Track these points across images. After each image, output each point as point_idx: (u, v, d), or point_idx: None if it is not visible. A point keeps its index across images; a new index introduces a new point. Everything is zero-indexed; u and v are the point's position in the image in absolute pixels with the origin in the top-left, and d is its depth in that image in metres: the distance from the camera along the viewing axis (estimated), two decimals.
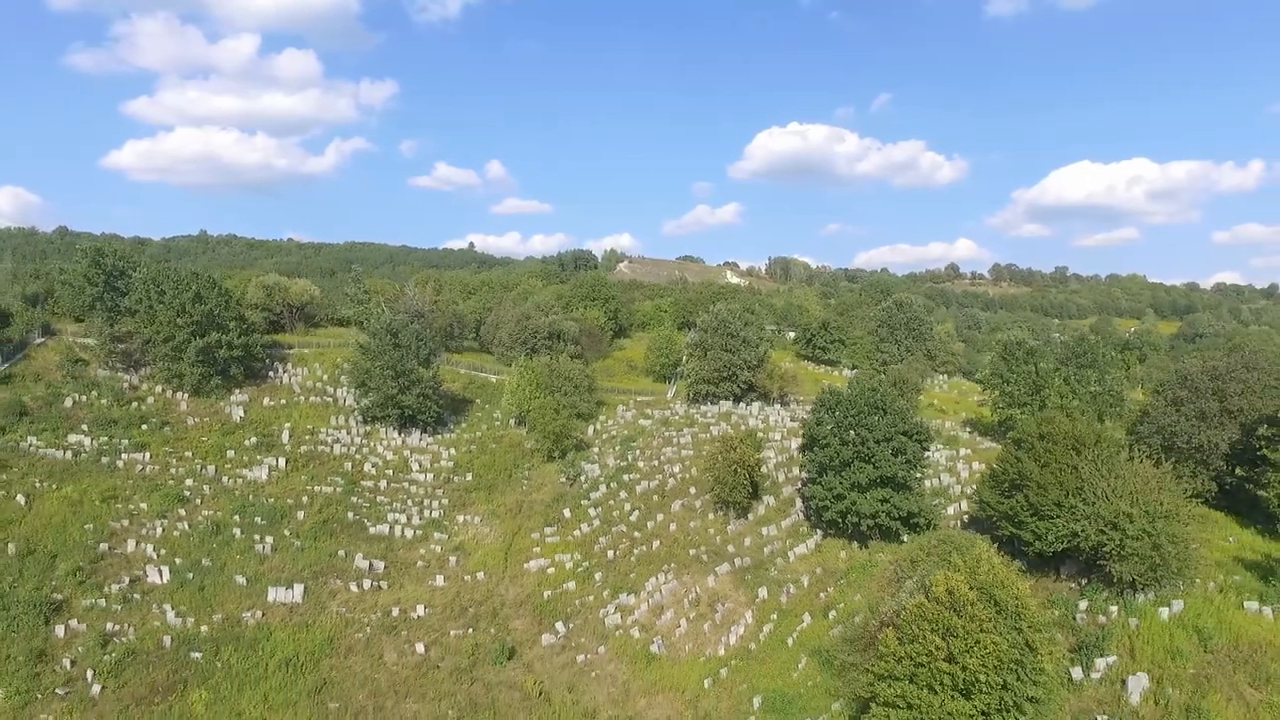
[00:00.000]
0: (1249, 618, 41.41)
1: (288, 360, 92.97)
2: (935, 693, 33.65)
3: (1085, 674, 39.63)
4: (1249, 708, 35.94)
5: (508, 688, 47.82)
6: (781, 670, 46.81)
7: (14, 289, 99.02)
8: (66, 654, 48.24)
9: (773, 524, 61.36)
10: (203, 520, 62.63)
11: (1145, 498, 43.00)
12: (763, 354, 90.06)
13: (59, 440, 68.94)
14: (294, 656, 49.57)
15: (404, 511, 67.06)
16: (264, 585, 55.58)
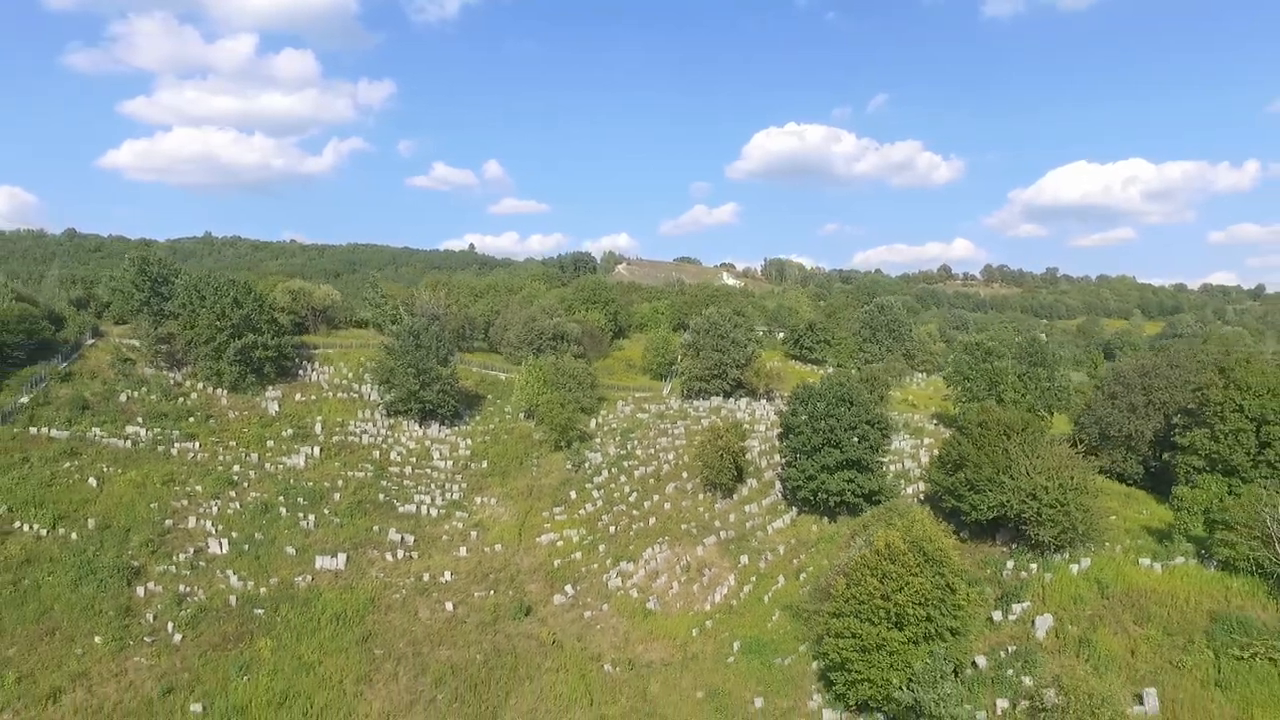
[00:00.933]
0: (1142, 572, 49.86)
1: (315, 359, 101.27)
2: (873, 625, 42.07)
3: (1004, 617, 48.07)
4: (1131, 639, 44.33)
5: (526, 638, 56.24)
6: (758, 621, 55.22)
7: (62, 294, 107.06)
8: (148, 610, 56.64)
9: (754, 502, 69.81)
10: (252, 501, 71.05)
11: (1059, 474, 51.44)
12: (750, 354, 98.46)
13: (119, 431, 77.28)
14: (342, 613, 58.00)
15: (428, 493, 75.46)
16: (311, 555, 64.00)
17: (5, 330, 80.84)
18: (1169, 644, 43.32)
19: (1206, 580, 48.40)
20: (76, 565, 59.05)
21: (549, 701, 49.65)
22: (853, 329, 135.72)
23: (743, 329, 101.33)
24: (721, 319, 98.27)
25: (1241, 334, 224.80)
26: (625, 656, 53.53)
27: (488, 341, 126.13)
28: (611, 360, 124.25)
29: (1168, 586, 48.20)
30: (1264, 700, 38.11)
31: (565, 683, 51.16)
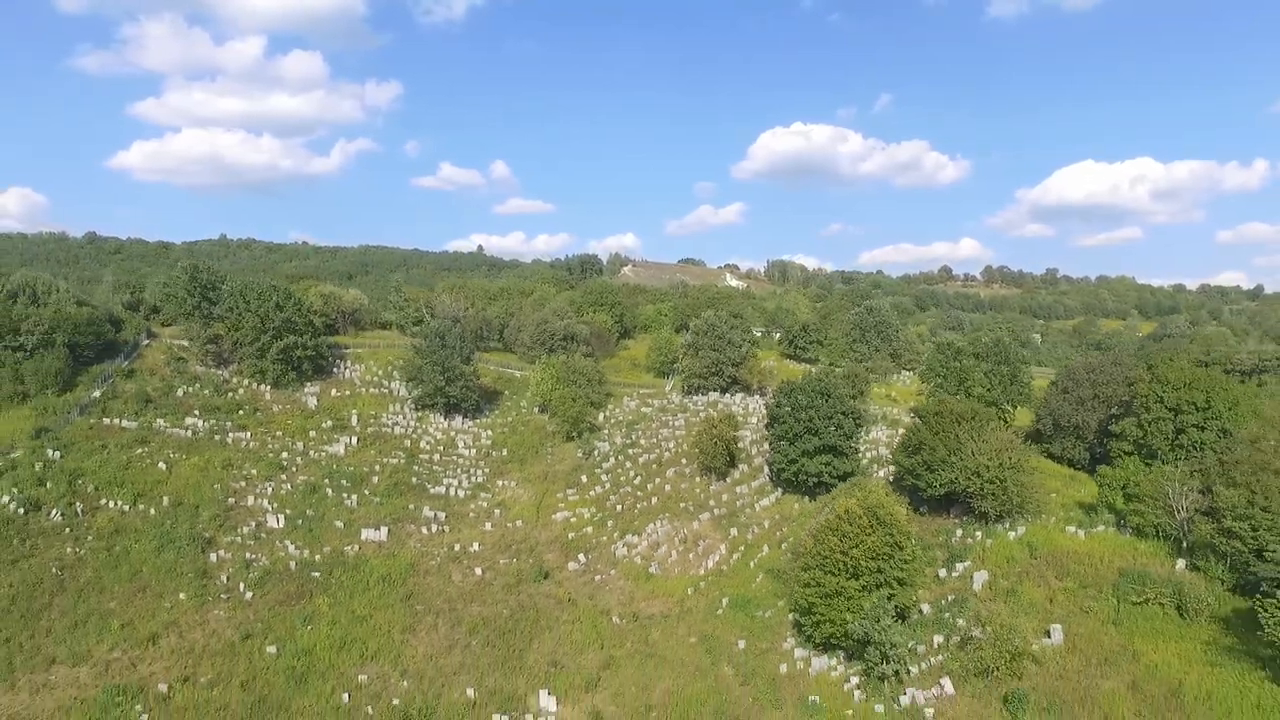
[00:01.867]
0: (1067, 537, 58.89)
1: (347, 358, 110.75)
2: (834, 575, 51.18)
3: (949, 574, 57.21)
4: (1050, 590, 53.35)
5: (545, 597, 65.51)
6: (744, 582, 64.36)
7: (115, 298, 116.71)
8: (221, 573, 66.14)
9: (745, 484, 78.96)
10: (301, 483, 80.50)
11: (1000, 455, 60.46)
12: (745, 353, 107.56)
13: (179, 422, 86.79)
14: (386, 576, 67.39)
15: (455, 477, 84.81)
16: (356, 528, 73.44)
17: (77, 332, 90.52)
18: (1081, 593, 52.38)
19: (1120, 544, 57.50)
20: (157, 535, 68.58)
21: (566, 646, 58.95)
22: (844, 330, 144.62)
23: (739, 330, 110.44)
24: (719, 321, 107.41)
25: (1225, 334, 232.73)
26: (630, 611, 62.79)
27: (503, 342, 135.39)
28: (618, 359, 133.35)
29: (1087, 549, 57.29)
30: (1146, 633, 47.16)
31: (579, 631, 60.45)
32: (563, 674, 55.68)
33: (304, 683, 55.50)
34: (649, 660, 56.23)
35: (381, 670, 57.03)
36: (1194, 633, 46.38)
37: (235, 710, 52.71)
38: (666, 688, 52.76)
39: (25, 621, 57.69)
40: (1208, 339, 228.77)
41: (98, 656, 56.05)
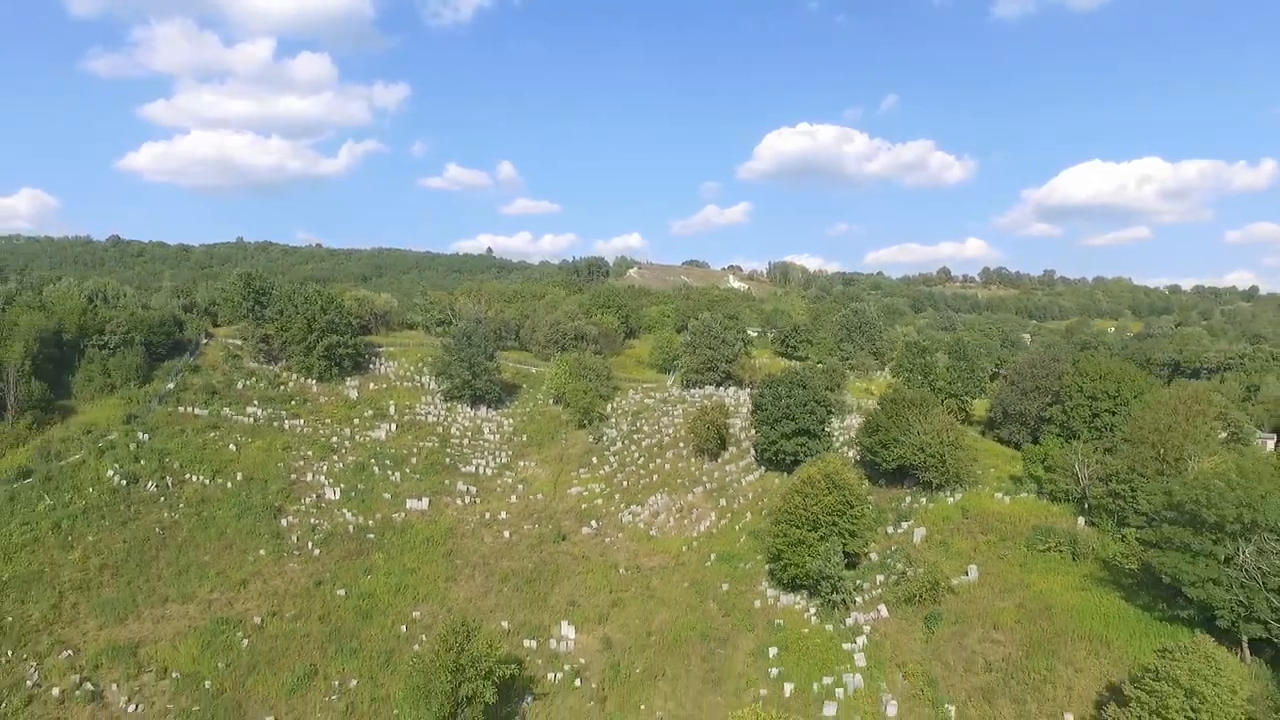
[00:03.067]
0: (995, 502, 71.26)
1: (381, 355, 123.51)
2: (798, 528, 63.63)
3: (895, 530, 69.71)
4: (975, 542, 65.72)
5: (563, 554, 78.16)
6: (729, 542, 76.82)
7: (173, 302, 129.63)
8: (292, 534, 78.99)
9: (734, 463, 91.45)
10: (350, 462, 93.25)
11: (941, 434, 72.81)
12: (737, 351, 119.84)
13: (242, 411, 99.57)
14: (430, 537, 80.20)
15: (483, 458, 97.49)
16: (402, 499, 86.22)
17: (151, 333, 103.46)
18: (1000, 544, 64.81)
19: (1036, 506, 69.93)
20: (236, 504, 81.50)
21: (581, 590, 71.66)
22: (832, 330, 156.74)
23: (732, 331, 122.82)
24: (714, 323, 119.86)
25: (1201, 334, 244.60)
26: (634, 564, 75.43)
27: (519, 341, 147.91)
28: (624, 357, 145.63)
29: (1010, 511, 69.75)
30: (1042, 571, 59.51)
31: (592, 580, 73.14)
32: (579, 610, 68.46)
33: (369, 617, 68.51)
34: (649, 600, 68.94)
35: (431, 609, 69.89)
36: (1078, 569, 58.76)
37: (316, 637, 65.72)
38: (663, 619, 65.50)
39: (140, 569, 70.69)
40: (1185, 339, 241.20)
41: (201, 596, 69.03)
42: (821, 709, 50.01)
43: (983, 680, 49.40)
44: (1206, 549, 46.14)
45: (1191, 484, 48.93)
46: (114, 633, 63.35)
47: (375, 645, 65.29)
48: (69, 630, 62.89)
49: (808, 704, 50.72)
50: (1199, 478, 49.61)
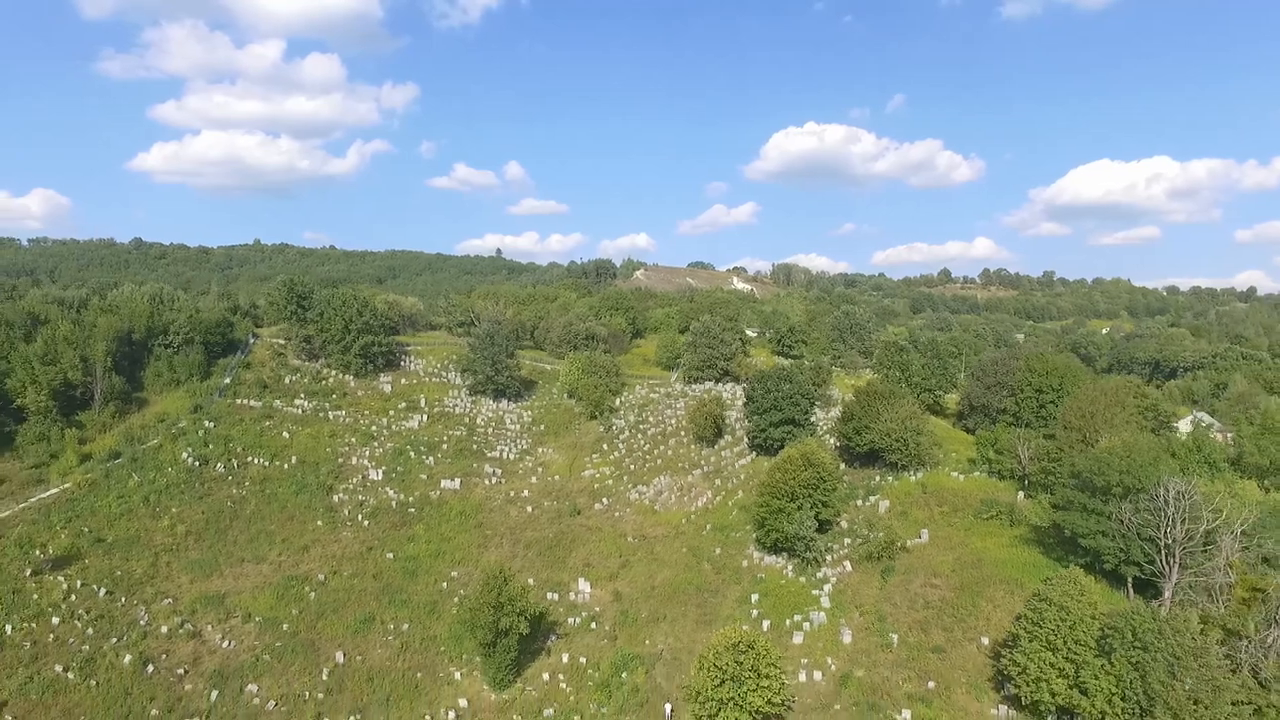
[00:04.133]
0: (951, 479, 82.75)
1: (410, 354, 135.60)
2: (778, 499, 75.25)
3: (863, 503, 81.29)
4: (931, 512, 77.23)
5: (578, 525, 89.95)
6: (723, 515, 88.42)
7: (220, 305, 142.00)
8: (343, 509, 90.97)
9: (728, 449, 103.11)
10: (389, 448, 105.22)
11: (905, 421, 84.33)
12: (734, 350, 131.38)
13: (291, 403, 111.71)
14: (462, 511, 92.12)
15: (506, 445, 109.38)
16: (437, 479, 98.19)
17: (208, 333, 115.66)
18: (951, 514, 76.35)
19: (986, 484, 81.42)
20: (293, 483, 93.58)
21: (595, 554, 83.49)
22: (825, 331, 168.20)
23: (729, 332, 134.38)
24: (713, 325, 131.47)
25: (1183, 334, 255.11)
26: (640, 533, 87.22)
27: (534, 340, 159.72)
28: (631, 355, 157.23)
29: (962, 487, 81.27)
30: (982, 534, 70.99)
31: (604, 546, 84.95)
32: (593, 570, 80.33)
33: (414, 576, 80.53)
34: (653, 562, 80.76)
35: (466, 570, 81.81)
36: (1011, 533, 70.28)
37: (371, 591, 77.77)
38: (665, 577, 77.30)
39: (218, 535, 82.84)
40: (1169, 339, 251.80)
41: (271, 558, 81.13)
42: (791, 638, 61.74)
43: (921, 615, 61.04)
44: (1097, 508, 57.65)
45: (1089, 458, 60.47)
46: (203, 585, 75.53)
47: (421, 598, 77.33)
48: (166, 583, 75.07)
49: (781, 635, 62.40)
50: (1097, 453, 61.11)
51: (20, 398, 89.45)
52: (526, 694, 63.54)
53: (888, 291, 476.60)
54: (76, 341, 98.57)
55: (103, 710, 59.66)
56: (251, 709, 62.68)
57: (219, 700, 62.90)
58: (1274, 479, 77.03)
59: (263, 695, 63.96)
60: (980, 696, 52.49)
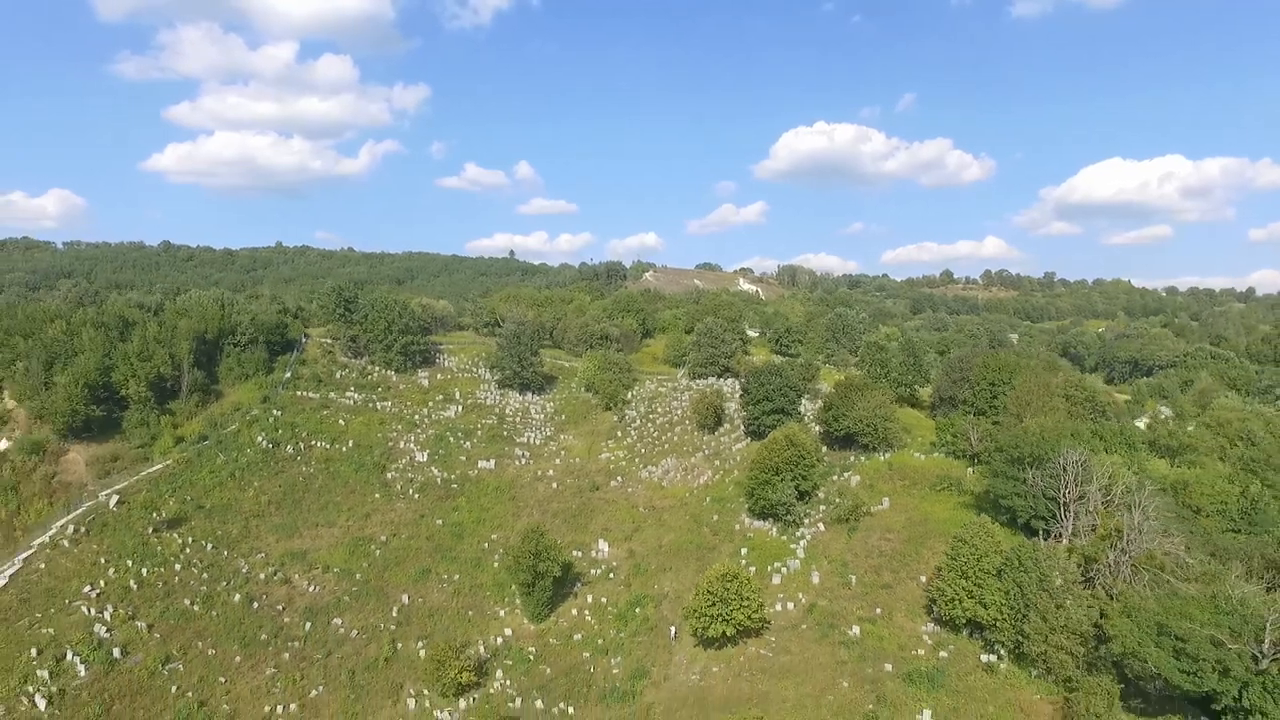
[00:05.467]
0: (914, 459, 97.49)
1: (443, 352, 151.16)
2: (765, 473, 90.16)
3: (838, 478, 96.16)
4: (895, 485, 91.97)
5: (597, 498, 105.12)
6: (721, 490, 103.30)
7: (272, 307, 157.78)
8: (396, 484, 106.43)
9: (727, 436, 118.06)
10: (430, 434, 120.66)
11: (876, 409, 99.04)
12: (734, 349, 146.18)
13: (343, 395, 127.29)
14: (497, 487, 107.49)
15: (532, 432, 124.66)
16: (474, 460, 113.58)
17: (269, 333, 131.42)
18: (911, 487, 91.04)
19: (943, 462, 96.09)
20: (352, 463, 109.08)
21: (611, 521, 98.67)
22: (819, 331, 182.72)
23: (730, 333, 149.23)
24: (715, 326, 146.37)
25: (1165, 334, 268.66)
26: (650, 505, 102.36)
27: (552, 340, 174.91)
28: (641, 354, 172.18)
29: (923, 465, 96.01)
30: (933, 501, 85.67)
31: (619, 515, 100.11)
32: (610, 533, 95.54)
33: (461, 538, 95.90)
34: (660, 527, 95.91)
35: (504, 533, 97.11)
36: (957, 500, 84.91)
37: (425, 549, 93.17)
38: (670, 538, 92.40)
39: (294, 504, 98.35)
40: (1152, 339, 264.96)
41: (340, 524, 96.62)
42: (771, 580, 76.75)
43: (876, 561, 75.94)
44: (1015, 475, 72.38)
45: (1011, 435, 75.17)
46: (287, 544, 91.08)
47: (467, 555, 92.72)
48: (257, 541, 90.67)
49: (763, 578, 77.37)
50: (1017, 432, 75.77)
51: (124, 389, 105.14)
52: (558, 624, 78.83)
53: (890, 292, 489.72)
54: (164, 340, 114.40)
55: (224, 634, 75.24)
56: (339, 636, 78.13)
57: (312, 629, 78.39)
58: (1183, 457, 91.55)
59: (346, 626, 79.43)
60: (914, 618, 67.36)
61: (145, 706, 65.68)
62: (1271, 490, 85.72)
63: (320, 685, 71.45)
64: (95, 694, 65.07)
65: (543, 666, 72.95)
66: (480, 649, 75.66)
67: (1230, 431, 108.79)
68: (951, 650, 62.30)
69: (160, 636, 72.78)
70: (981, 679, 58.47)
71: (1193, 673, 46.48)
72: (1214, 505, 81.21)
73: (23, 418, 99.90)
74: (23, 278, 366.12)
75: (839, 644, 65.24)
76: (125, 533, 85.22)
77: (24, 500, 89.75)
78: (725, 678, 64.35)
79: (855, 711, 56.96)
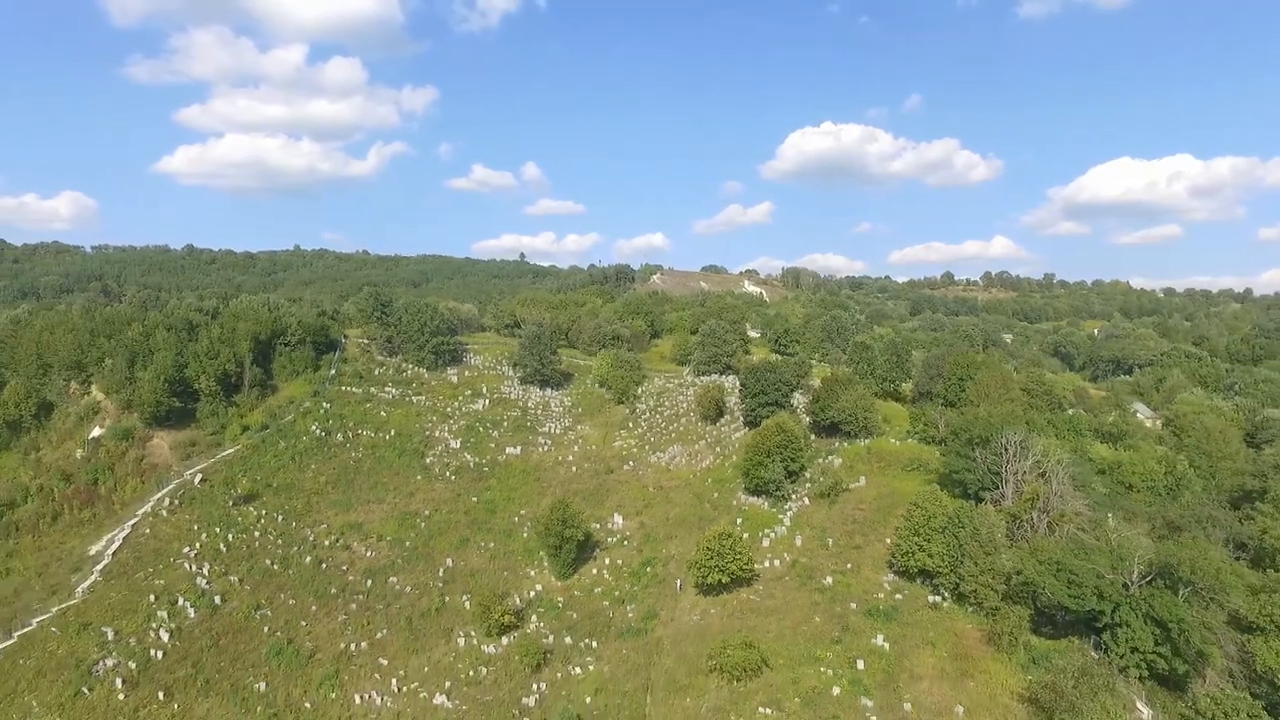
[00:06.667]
0: (890, 444, 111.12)
1: (469, 351, 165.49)
2: (759, 455, 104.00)
3: (824, 460, 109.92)
4: (871, 466, 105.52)
5: (612, 480, 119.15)
6: (721, 473, 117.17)
7: (312, 310, 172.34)
8: (434, 468, 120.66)
9: (727, 426, 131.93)
10: (462, 425, 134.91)
11: (858, 401, 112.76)
12: (734, 349, 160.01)
13: (383, 390, 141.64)
14: (524, 470, 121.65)
15: (552, 423, 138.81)
16: (503, 446, 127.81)
17: (315, 334, 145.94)
18: (886, 468, 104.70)
19: (915, 447, 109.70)
20: (395, 449, 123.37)
21: (625, 498, 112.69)
22: (815, 332, 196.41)
23: (732, 334, 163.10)
24: (719, 328, 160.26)
25: (1148, 334, 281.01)
26: (658, 485, 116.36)
27: (568, 340, 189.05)
28: (650, 353, 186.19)
29: (897, 449, 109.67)
30: (903, 479, 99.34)
31: (632, 493, 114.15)
32: (624, 509, 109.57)
33: (494, 513, 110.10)
34: (667, 504, 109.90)
35: (531, 509, 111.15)
36: (923, 477, 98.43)
37: (464, 522, 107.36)
38: (676, 512, 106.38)
39: (347, 484, 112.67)
40: (1136, 339, 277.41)
41: (388, 501, 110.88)
42: (761, 543, 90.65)
43: (849, 527, 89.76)
44: (966, 453, 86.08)
45: (964, 420, 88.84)
46: (345, 517, 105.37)
47: (500, 527, 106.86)
48: (319, 515, 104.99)
49: (755, 540, 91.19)
50: (968, 417, 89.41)
51: (196, 383, 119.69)
52: (581, 581, 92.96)
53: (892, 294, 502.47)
54: (227, 340, 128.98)
55: (300, 588, 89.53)
56: (395, 592, 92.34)
57: (373, 586, 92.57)
58: (1123, 442, 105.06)
59: (401, 583, 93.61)
60: (878, 570, 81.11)
61: (245, 642, 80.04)
62: (1197, 469, 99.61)
63: (384, 629, 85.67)
64: (204, 631, 79.51)
65: (570, 613, 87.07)
66: (516, 600, 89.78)
67: (1184, 423, 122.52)
68: (905, 594, 76.07)
69: (249, 589, 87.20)
70: (927, 614, 72.24)
71: (1078, 596, 60.18)
72: (1144, 482, 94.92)
73: (112, 408, 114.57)
74: (56, 281, 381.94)
75: (815, 590, 79.09)
76: (210, 505, 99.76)
77: (119, 479, 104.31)
78: (721, 617, 78.29)
79: (824, 638, 70.84)
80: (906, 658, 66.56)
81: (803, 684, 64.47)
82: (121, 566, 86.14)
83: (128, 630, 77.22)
